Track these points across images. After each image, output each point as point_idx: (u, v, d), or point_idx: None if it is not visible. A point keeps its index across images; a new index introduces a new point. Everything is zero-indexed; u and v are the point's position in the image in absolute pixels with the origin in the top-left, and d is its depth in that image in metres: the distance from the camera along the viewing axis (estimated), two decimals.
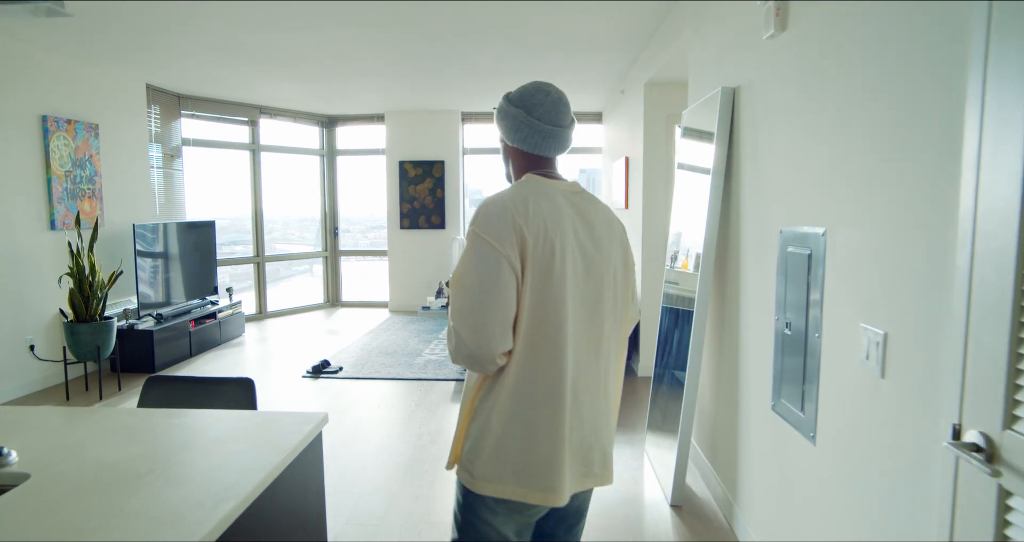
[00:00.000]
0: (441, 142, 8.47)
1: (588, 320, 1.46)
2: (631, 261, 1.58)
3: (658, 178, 5.26)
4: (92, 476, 1.39)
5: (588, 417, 1.47)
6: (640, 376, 5.40)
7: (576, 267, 1.43)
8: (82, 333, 4.62)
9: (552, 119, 1.51)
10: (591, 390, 1.47)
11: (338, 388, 5.08)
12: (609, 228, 1.52)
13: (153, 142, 6.51)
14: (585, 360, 1.45)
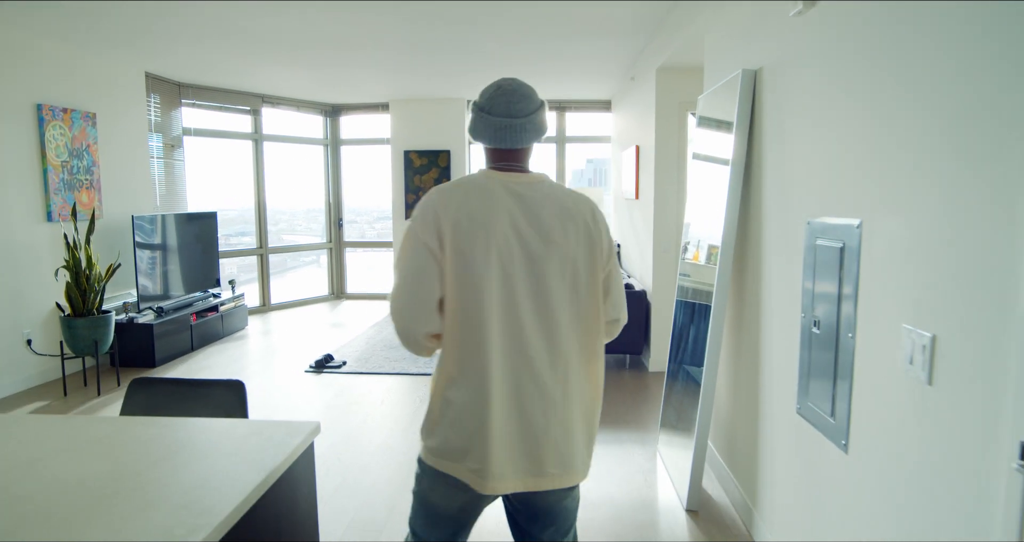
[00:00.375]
0: (447, 131, 8.30)
1: (535, 313, 1.46)
2: (602, 255, 1.53)
3: (670, 167, 5.09)
4: (48, 500, 1.24)
5: (536, 413, 1.46)
6: (652, 371, 5.25)
7: (511, 258, 1.45)
8: (79, 327, 4.51)
9: (504, 111, 1.52)
10: (541, 386, 1.46)
11: (341, 383, 4.96)
12: (566, 220, 1.49)
13: (153, 132, 6.38)
14: (534, 353, 1.46)
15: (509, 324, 1.44)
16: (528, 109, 1.52)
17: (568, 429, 1.49)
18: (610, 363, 5.52)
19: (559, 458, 1.48)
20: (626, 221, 6.69)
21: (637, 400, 4.53)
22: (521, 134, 1.52)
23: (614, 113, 8.06)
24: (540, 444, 1.46)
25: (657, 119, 5.07)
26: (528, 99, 1.53)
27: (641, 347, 5.26)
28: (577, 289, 1.49)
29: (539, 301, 1.46)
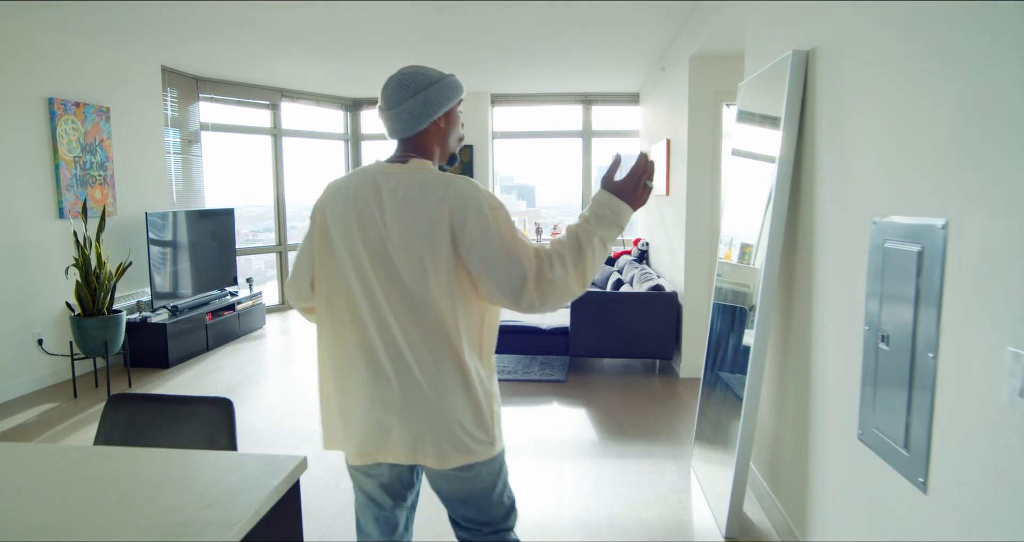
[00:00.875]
0: (469, 126, 8.07)
1: (374, 297, 1.51)
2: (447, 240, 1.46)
3: (704, 162, 4.79)
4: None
5: (370, 396, 1.51)
6: (683, 377, 4.97)
7: (348, 245, 1.52)
8: (89, 328, 4.38)
9: (381, 104, 1.59)
10: (379, 369, 1.51)
11: None
12: (420, 208, 1.48)
13: (169, 126, 6.25)
14: (372, 340, 1.51)
15: (358, 308, 1.52)
16: (398, 100, 1.55)
17: (418, 412, 1.49)
18: (639, 367, 5.26)
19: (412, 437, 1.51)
20: (655, 218, 6.40)
21: (668, 409, 4.26)
22: (394, 123, 1.58)
23: (642, 106, 7.75)
24: (381, 421, 1.52)
25: (690, 111, 4.78)
26: (403, 88, 1.54)
27: (671, 351, 4.98)
28: (422, 277, 1.48)
29: (390, 287, 1.50)
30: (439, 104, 1.57)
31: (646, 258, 7.08)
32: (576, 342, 5.04)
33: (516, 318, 5.27)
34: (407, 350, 1.49)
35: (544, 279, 1.45)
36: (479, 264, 1.45)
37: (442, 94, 1.57)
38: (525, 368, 5.19)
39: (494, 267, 1.44)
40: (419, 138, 1.61)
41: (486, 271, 1.45)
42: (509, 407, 4.31)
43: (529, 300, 1.45)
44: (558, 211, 9.46)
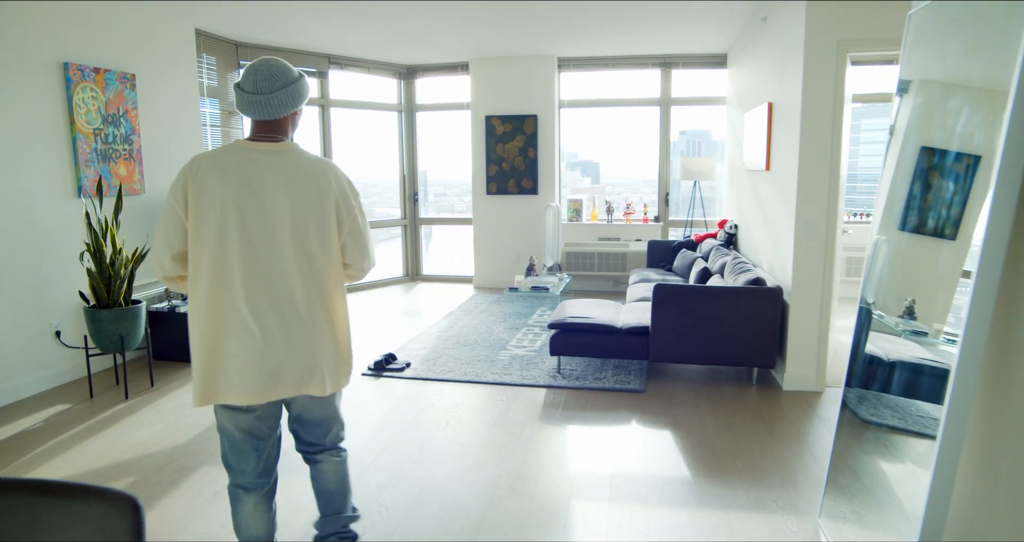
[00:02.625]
0: (534, 93, 7.28)
1: (259, 260, 1.80)
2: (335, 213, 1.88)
3: (820, 130, 3.89)
4: None
5: (256, 347, 1.81)
6: (787, 390, 4.13)
7: (237, 214, 1.78)
8: (103, 321, 3.89)
9: (251, 88, 1.83)
10: (265, 322, 1.81)
11: (400, 392, 4.14)
12: (300, 183, 1.83)
13: (206, 96, 5.72)
14: (257, 296, 1.80)
15: (240, 272, 1.79)
16: (272, 87, 1.82)
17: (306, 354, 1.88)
18: (731, 376, 4.43)
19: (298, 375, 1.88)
20: (748, 197, 5.49)
21: (776, 434, 3.45)
22: (266, 107, 1.82)
23: (731, 69, 6.77)
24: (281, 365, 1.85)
25: (806, 67, 3.86)
26: (274, 78, 1.82)
27: (773, 358, 4.14)
28: (304, 242, 1.83)
29: (266, 252, 1.81)
30: (302, 97, 1.89)
31: (734, 243, 6.18)
32: (657, 345, 4.25)
33: (587, 315, 4.52)
34: (294, 303, 1.83)
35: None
36: (351, 238, 1.91)
37: (304, 89, 1.89)
38: (596, 373, 4.45)
39: (360, 241, 1.93)
40: (282, 122, 1.88)
41: (354, 243, 1.92)
42: (578, 425, 3.59)
43: (361, 270, 1.96)
44: (624, 188, 8.50)
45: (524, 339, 5.35)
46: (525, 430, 3.53)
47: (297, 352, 1.85)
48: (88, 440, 3.41)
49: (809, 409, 3.83)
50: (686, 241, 6.70)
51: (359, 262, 1.96)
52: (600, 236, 7.43)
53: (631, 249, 7.17)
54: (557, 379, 4.35)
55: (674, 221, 7.56)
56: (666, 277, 6.09)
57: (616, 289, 7.44)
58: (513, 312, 6.33)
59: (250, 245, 1.79)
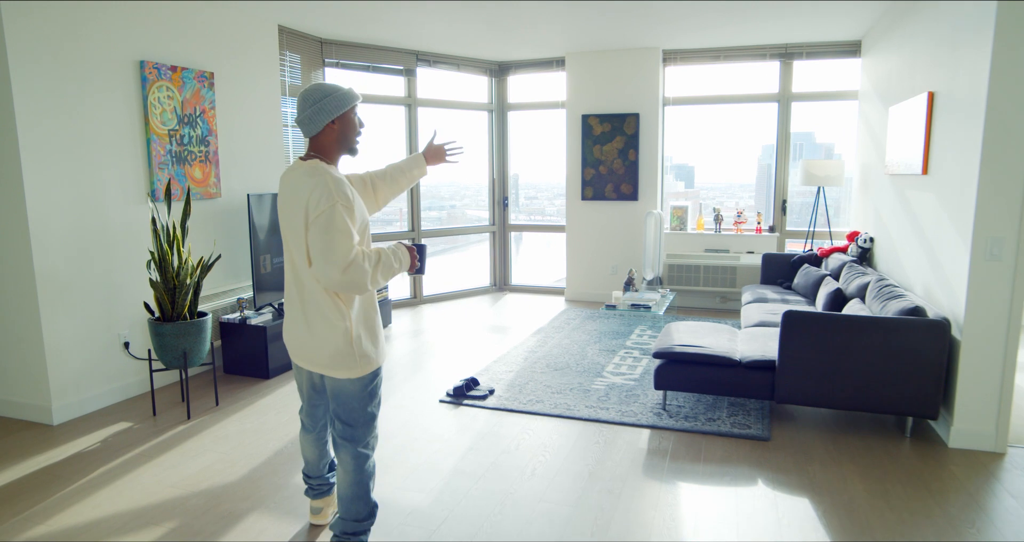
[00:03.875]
0: (635, 90, 6.64)
1: (287, 261, 2.22)
2: (297, 221, 2.09)
3: (1012, 122, 3.07)
4: None
5: (290, 324, 2.27)
6: (953, 448, 3.32)
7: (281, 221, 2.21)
8: (166, 335, 3.61)
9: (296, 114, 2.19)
10: (289, 304, 2.26)
11: (481, 425, 3.64)
12: (294, 196, 2.10)
13: (288, 96, 5.46)
14: (288, 288, 2.24)
15: (286, 264, 2.24)
16: (300, 109, 2.14)
17: (305, 341, 2.20)
18: (875, 425, 3.66)
19: (305, 355, 2.22)
20: (890, 206, 4.64)
21: (948, 511, 2.69)
22: (300, 127, 2.15)
23: (867, 58, 5.88)
24: (293, 342, 2.27)
25: (996, 46, 3.06)
26: (303, 101, 2.13)
27: (936, 407, 3.34)
28: (298, 247, 2.13)
29: (288, 254, 2.21)
30: (331, 110, 2.12)
31: (868, 259, 5.32)
32: (785, 383, 3.55)
33: (699, 343, 3.86)
34: (299, 297, 2.21)
35: (354, 265, 2.03)
36: (310, 243, 2.07)
37: (332, 104, 2.12)
38: (708, 412, 3.79)
39: (316, 244, 2.04)
40: (319, 137, 2.17)
41: (313, 247, 2.06)
42: (691, 483, 2.96)
43: (327, 276, 2.04)
44: (719, 192, 7.62)
45: (622, 365, 4.74)
46: (626, 486, 2.93)
47: (304, 337, 2.21)
48: (139, 469, 3.10)
49: (990, 476, 3.02)
50: (808, 255, 5.87)
51: (317, 271, 2.08)
52: (706, 247, 6.70)
53: (742, 263, 6.40)
54: (662, 418, 3.72)
55: (791, 232, 6.71)
56: (786, 297, 5.30)
57: (723, 307, 6.67)
58: (609, 331, 5.72)
59: (285, 244, 2.22)
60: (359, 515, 2.30)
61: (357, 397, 2.24)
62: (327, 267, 2.02)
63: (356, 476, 2.27)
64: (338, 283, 2.04)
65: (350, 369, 2.19)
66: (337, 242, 2.00)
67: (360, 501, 2.29)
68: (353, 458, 2.26)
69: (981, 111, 3.14)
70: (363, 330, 2.21)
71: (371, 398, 2.27)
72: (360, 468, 2.27)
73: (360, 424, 2.26)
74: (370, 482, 2.31)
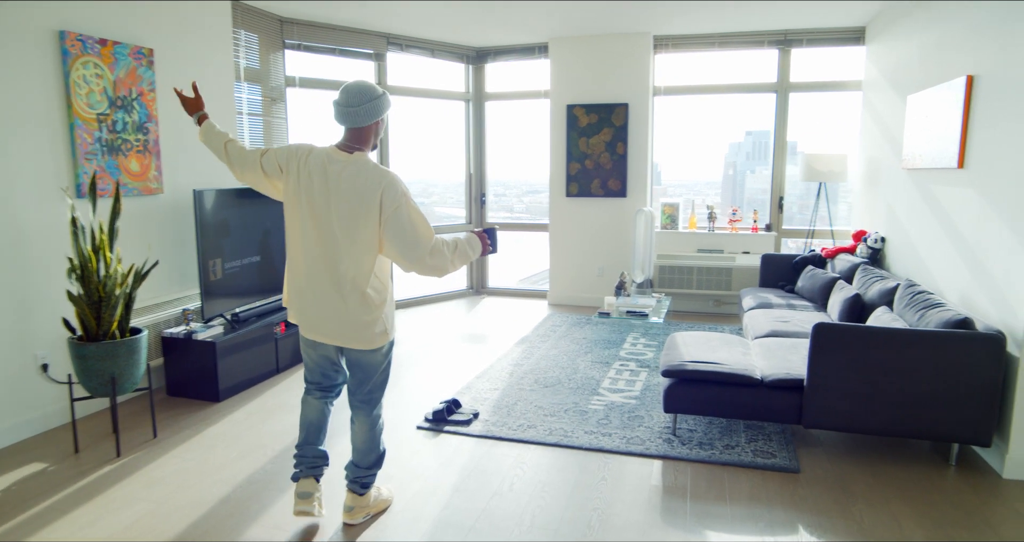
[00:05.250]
0: (624, 78, 6.17)
1: (320, 242, 2.28)
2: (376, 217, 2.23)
3: None
4: None
5: (313, 302, 2.33)
6: (1008, 479, 2.91)
7: (319, 202, 2.27)
8: (90, 357, 3.02)
9: (341, 100, 2.29)
10: (317, 286, 2.32)
11: (465, 459, 3.12)
12: (359, 185, 2.23)
13: (244, 80, 4.87)
14: (317, 267, 2.30)
15: (309, 248, 2.31)
16: (359, 101, 2.27)
17: (340, 318, 2.31)
18: (914, 451, 3.24)
19: (331, 330, 2.34)
20: (909, 203, 4.24)
21: None
22: (352, 117, 2.28)
23: (872, 45, 5.50)
24: (322, 320, 2.34)
25: None
26: (360, 94, 2.27)
27: (987, 433, 2.92)
28: (353, 235, 2.24)
29: (326, 237, 2.27)
30: (381, 110, 2.32)
31: (879, 260, 4.93)
32: (815, 406, 3.10)
33: (711, 358, 3.39)
34: (335, 276, 2.28)
35: (436, 251, 2.27)
36: (390, 233, 2.24)
37: (384, 104, 2.32)
38: (724, 437, 3.33)
39: (398, 237, 2.23)
40: (364, 130, 2.32)
41: (396, 238, 2.23)
42: (720, 533, 2.48)
43: (418, 262, 2.26)
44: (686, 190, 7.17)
45: (619, 379, 4.26)
46: (646, 539, 2.44)
47: (341, 316, 2.31)
48: (48, 527, 2.52)
49: None
50: (812, 256, 5.46)
51: (403, 254, 2.26)
52: (699, 247, 6.27)
53: (738, 264, 5.98)
54: (674, 445, 3.25)
55: (788, 230, 6.32)
56: (791, 302, 4.89)
57: (718, 311, 6.25)
58: (599, 339, 5.24)
59: (318, 225, 2.28)
60: (370, 463, 2.55)
61: (379, 365, 2.46)
62: (418, 252, 2.24)
63: (371, 433, 2.53)
64: (425, 266, 2.28)
65: (376, 341, 2.38)
66: (422, 231, 2.26)
67: (372, 453, 2.55)
68: (368, 417, 2.52)
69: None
70: (391, 302, 2.44)
71: (389, 365, 2.53)
72: (374, 426, 2.54)
73: (378, 388, 2.51)
74: (381, 436, 2.57)
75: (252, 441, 3.31)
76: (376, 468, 2.58)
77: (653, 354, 4.83)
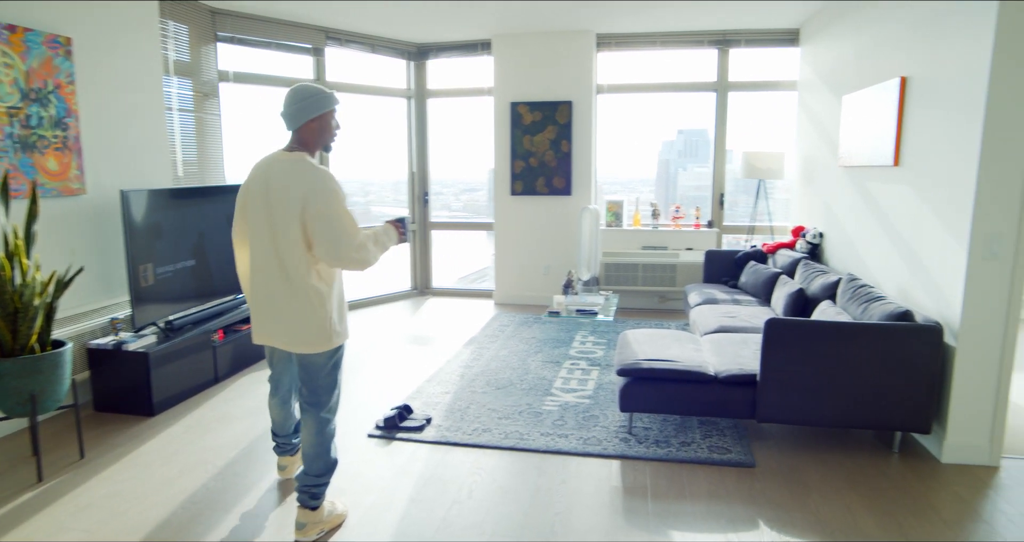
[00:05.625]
0: (568, 76, 6.16)
1: (262, 243, 2.34)
2: (307, 211, 2.25)
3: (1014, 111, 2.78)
4: None
5: (261, 303, 2.39)
6: (947, 463, 3.02)
7: (254, 208, 2.35)
8: (6, 375, 2.77)
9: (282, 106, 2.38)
10: (264, 289, 2.37)
11: (421, 467, 3.03)
12: (287, 186, 2.27)
13: (173, 74, 4.60)
14: (261, 269, 2.36)
15: (255, 251, 2.36)
16: (289, 103, 2.34)
17: (283, 318, 2.35)
18: (859, 441, 3.33)
19: (279, 331, 2.37)
20: (846, 200, 4.37)
21: None
22: (286, 120, 2.37)
23: (806, 47, 5.67)
24: (265, 318, 2.39)
25: (1000, 25, 2.75)
26: (294, 94, 2.34)
27: (927, 421, 3.03)
28: (287, 232, 2.27)
29: (269, 240, 2.31)
30: (314, 108, 2.34)
31: (818, 255, 5.08)
32: (769, 401, 3.14)
33: (665, 356, 3.40)
34: (274, 278, 2.34)
35: (361, 246, 2.32)
36: (317, 230, 2.25)
37: (316, 104, 2.35)
38: (679, 434, 3.34)
39: (324, 233, 2.25)
40: (300, 131, 2.38)
41: (319, 235, 2.26)
42: (684, 532, 2.48)
43: (343, 258, 2.29)
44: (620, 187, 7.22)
45: (571, 379, 4.24)
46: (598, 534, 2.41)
47: (285, 319, 2.35)
48: None
49: (995, 496, 2.72)
50: (754, 252, 5.59)
51: (326, 257, 2.30)
52: (644, 244, 6.32)
53: (682, 260, 6.06)
54: (631, 444, 3.24)
55: (729, 226, 6.46)
56: (736, 297, 4.98)
57: (663, 307, 6.33)
58: (548, 339, 5.22)
59: (268, 232, 2.32)
60: (319, 471, 2.47)
61: (323, 368, 2.43)
62: (342, 250, 2.28)
63: (318, 438, 2.47)
64: (350, 262, 2.32)
65: (321, 345, 2.37)
66: (348, 228, 2.28)
67: (320, 460, 2.47)
68: (316, 422, 2.46)
69: (979, 99, 2.83)
70: (336, 311, 2.42)
71: (335, 369, 2.48)
72: (321, 431, 2.47)
73: (323, 391, 2.46)
74: (330, 443, 2.50)
75: (192, 457, 3.12)
76: (326, 477, 2.48)
77: (603, 352, 4.83)
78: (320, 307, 2.34)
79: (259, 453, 3.18)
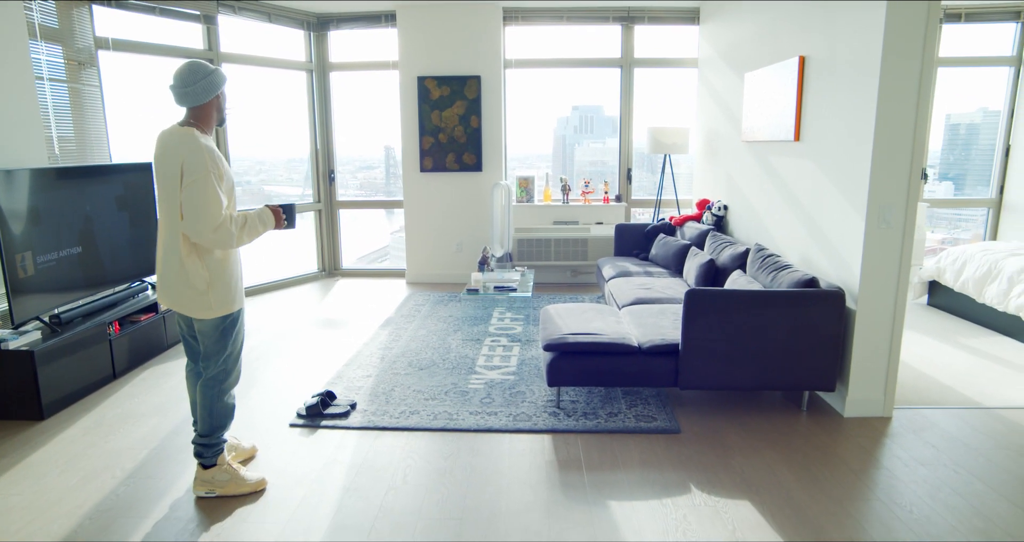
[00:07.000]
0: (476, 50, 6.06)
1: (160, 213, 2.44)
2: (173, 181, 2.35)
3: (905, 87, 2.98)
4: None
5: (158, 267, 2.50)
6: (849, 417, 3.27)
7: (155, 179, 2.43)
8: None
9: (171, 85, 2.42)
10: (158, 254, 2.49)
11: (350, 455, 2.93)
12: (169, 158, 2.36)
13: (41, 39, 4.13)
14: (159, 235, 2.48)
15: (159, 218, 2.46)
16: (192, 80, 2.38)
17: (161, 276, 2.48)
18: (770, 403, 3.53)
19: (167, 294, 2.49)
20: (750, 174, 4.58)
21: (878, 493, 2.55)
22: (187, 97, 2.40)
23: (706, 26, 5.85)
24: (161, 282, 2.49)
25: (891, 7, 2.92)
26: (193, 73, 2.39)
27: (831, 380, 3.26)
28: (167, 203, 2.39)
29: (161, 210, 2.42)
30: (217, 86, 2.44)
31: (723, 226, 5.31)
32: (690, 368, 3.27)
33: (589, 330, 3.45)
34: (163, 246, 2.45)
35: (221, 227, 2.35)
36: (183, 203, 2.33)
37: (206, 88, 2.41)
38: (606, 405, 3.42)
39: (187, 208, 2.33)
40: (203, 108, 2.44)
41: (183, 208, 2.34)
42: (621, 501, 2.54)
43: (200, 234, 2.34)
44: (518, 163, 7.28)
45: (493, 356, 4.23)
46: (553, 518, 2.44)
47: (172, 282, 2.46)
48: None
49: (892, 444, 2.97)
50: (662, 225, 5.77)
51: (186, 229, 2.37)
52: (555, 219, 6.38)
53: (593, 234, 6.17)
54: (560, 418, 3.28)
55: (637, 200, 6.63)
56: (648, 269, 5.13)
57: (575, 281, 6.44)
58: (466, 316, 5.18)
59: (158, 201, 2.46)
60: (204, 431, 2.61)
61: (211, 335, 2.54)
62: (199, 226, 2.33)
63: (203, 399, 2.60)
64: (208, 241, 2.36)
65: (205, 311, 2.48)
66: (209, 207, 2.32)
67: (204, 422, 2.61)
68: (202, 383, 2.60)
69: (872, 78, 3.01)
70: (219, 278, 2.48)
71: (224, 337, 2.57)
72: (206, 393, 2.60)
73: (210, 356, 2.57)
74: (215, 407, 2.60)
75: (94, 462, 2.87)
76: (209, 439, 2.60)
77: (522, 328, 4.85)
78: (195, 275, 2.43)
79: (171, 452, 2.97)
